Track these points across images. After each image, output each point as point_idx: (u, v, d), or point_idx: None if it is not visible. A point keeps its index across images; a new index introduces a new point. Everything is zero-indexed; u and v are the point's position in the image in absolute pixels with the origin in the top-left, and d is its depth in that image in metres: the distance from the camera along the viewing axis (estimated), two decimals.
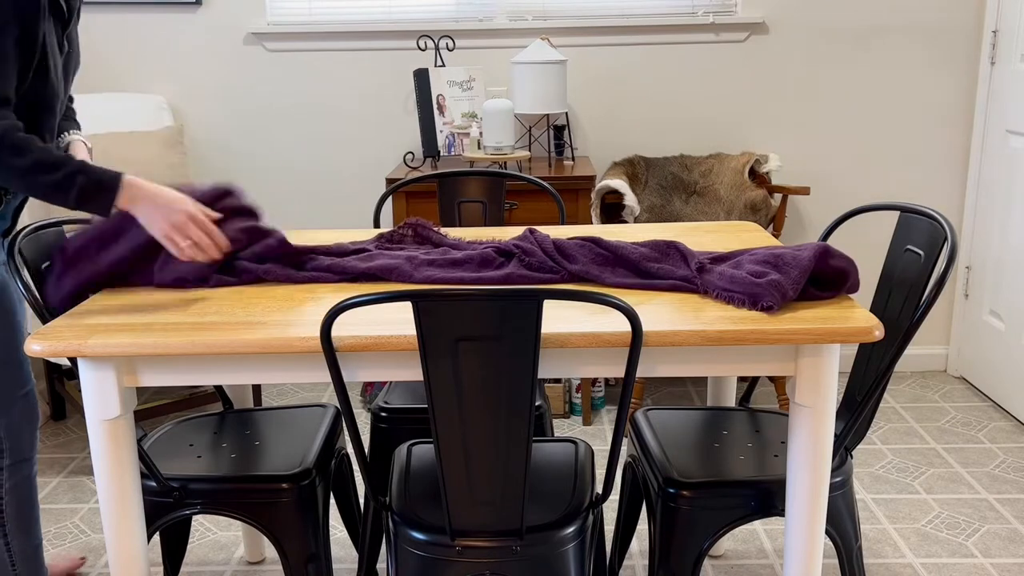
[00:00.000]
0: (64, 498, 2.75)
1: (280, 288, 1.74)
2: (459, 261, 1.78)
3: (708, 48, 3.37)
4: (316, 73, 3.44)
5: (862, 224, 3.46)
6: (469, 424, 1.43)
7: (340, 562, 2.40)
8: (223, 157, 3.52)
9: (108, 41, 3.41)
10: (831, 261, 1.58)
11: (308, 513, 1.80)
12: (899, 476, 2.77)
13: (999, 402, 3.26)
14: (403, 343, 1.45)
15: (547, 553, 1.55)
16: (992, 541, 2.43)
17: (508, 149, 3.08)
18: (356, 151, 3.51)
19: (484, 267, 1.76)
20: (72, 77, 1.89)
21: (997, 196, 3.24)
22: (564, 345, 1.45)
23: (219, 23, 3.40)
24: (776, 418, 2.02)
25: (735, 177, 3.22)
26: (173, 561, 2.10)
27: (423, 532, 1.56)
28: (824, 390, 1.52)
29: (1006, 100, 3.18)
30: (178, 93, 3.47)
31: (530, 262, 1.76)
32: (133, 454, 1.59)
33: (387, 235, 1.97)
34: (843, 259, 1.59)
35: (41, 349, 1.47)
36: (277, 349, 1.46)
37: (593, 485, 1.72)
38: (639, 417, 2.02)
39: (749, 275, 1.57)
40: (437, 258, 1.80)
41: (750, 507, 1.72)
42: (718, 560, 2.37)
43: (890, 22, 3.32)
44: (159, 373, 1.54)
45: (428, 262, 1.79)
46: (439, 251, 1.86)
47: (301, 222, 3.55)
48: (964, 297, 3.48)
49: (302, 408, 2.12)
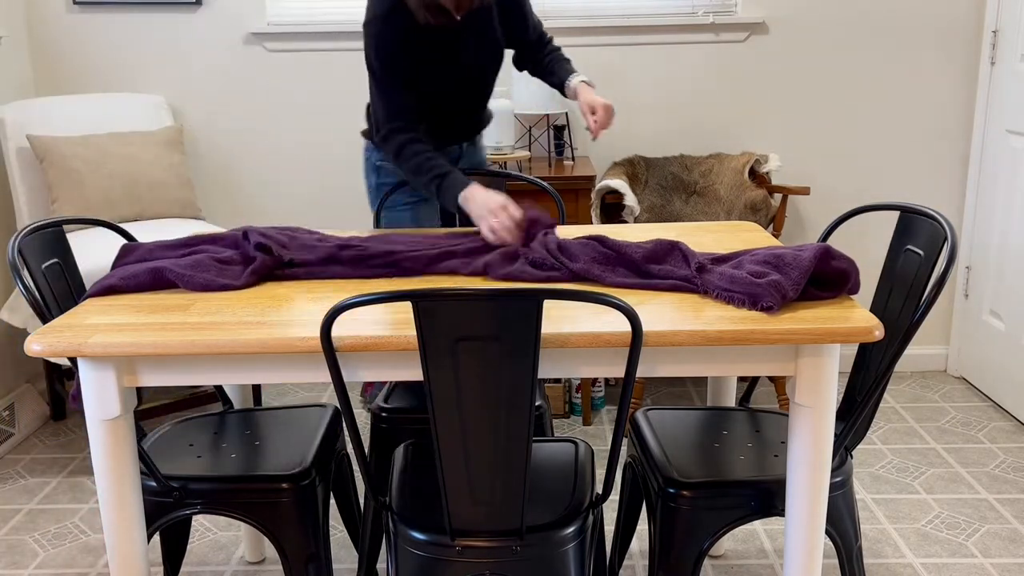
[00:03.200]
0: (64, 498, 2.75)
1: (280, 288, 1.74)
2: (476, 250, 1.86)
3: (708, 48, 3.37)
4: (316, 73, 3.44)
5: (862, 224, 3.46)
6: (469, 424, 1.43)
7: (340, 562, 2.40)
8: (223, 157, 3.52)
9: (108, 41, 3.41)
10: (832, 262, 1.58)
11: (308, 513, 1.80)
12: (899, 476, 2.77)
13: (999, 402, 3.26)
14: (403, 343, 1.45)
15: (547, 553, 1.55)
16: (992, 541, 2.43)
17: (508, 149, 3.08)
18: (356, 151, 3.51)
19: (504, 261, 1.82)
20: (485, 65, 2.28)
21: (997, 196, 3.24)
22: (564, 345, 1.45)
23: (219, 23, 3.40)
24: (776, 418, 2.02)
25: (735, 177, 3.22)
26: (173, 561, 2.10)
27: (423, 532, 1.56)
28: (824, 390, 1.52)
29: (1006, 100, 3.18)
30: (178, 93, 3.47)
31: (534, 259, 1.77)
32: (133, 454, 1.59)
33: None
34: (844, 260, 1.59)
35: (41, 349, 1.47)
36: (277, 349, 1.46)
37: (593, 485, 1.72)
38: (639, 417, 2.02)
39: (749, 275, 1.58)
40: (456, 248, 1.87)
41: (750, 507, 1.72)
42: (718, 560, 2.37)
43: (890, 22, 3.32)
44: (159, 373, 1.54)
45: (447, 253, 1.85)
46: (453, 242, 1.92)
47: (301, 222, 3.55)
48: (964, 297, 3.48)
49: (302, 408, 2.12)
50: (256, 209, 3.56)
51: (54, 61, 3.44)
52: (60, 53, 3.43)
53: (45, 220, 1.86)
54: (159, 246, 1.88)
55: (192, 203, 3.21)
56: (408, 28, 2.11)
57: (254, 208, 3.56)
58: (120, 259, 1.86)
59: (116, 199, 3.05)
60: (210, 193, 3.55)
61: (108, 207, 3.03)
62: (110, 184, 3.04)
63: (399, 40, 2.12)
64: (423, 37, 2.14)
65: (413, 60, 2.15)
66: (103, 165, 3.04)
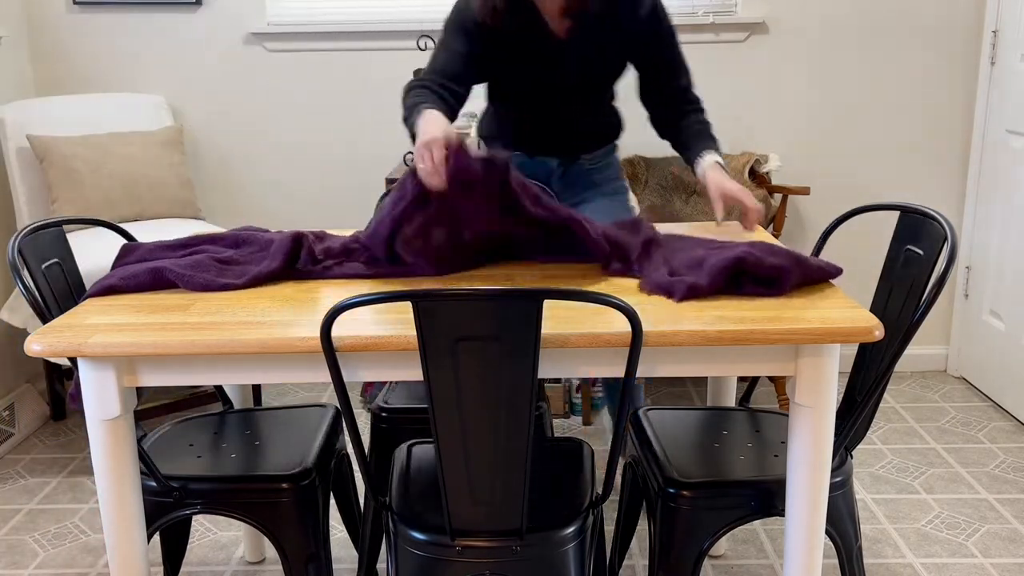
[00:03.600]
0: (64, 498, 2.75)
1: (280, 288, 1.74)
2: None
3: (708, 48, 3.37)
4: (316, 73, 3.44)
5: (862, 224, 3.46)
6: (469, 424, 1.43)
7: (340, 562, 2.40)
8: (223, 157, 3.52)
9: (108, 41, 3.41)
10: (769, 259, 1.60)
11: (308, 513, 1.80)
12: (899, 476, 2.77)
13: (999, 402, 3.26)
14: (403, 343, 1.45)
15: (547, 553, 1.55)
16: (992, 541, 2.43)
17: None
18: (356, 151, 3.51)
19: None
20: (586, 86, 2.24)
21: (997, 196, 3.24)
22: (564, 345, 1.45)
23: (219, 23, 3.40)
24: (776, 418, 2.02)
25: (735, 177, 3.22)
26: (173, 561, 2.10)
27: (423, 532, 1.56)
28: (824, 390, 1.52)
29: (1006, 100, 3.18)
30: (178, 93, 3.47)
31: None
32: (133, 454, 1.59)
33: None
34: (784, 256, 1.62)
35: (41, 349, 1.47)
36: (277, 349, 1.46)
37: (593, 485, 1.72)
38: (639, 417, 2.02)
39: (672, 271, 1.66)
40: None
41: (750, 507, 1.72)
42: (718, 560, 2.37)
43: (890, 22, 3.32)
44: (159, 373, 1.54)
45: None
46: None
47: (301, 222, 3.55)
48: (964, 297, 3.48)
49: (302, 408, 2.12)
50: (256, 209, 3.56)
51: (54, 61, 3.44)
52: (60, 53, 3.43)
53: (45, 220, 1.86)
54: (159, 246, 1.88)
55: (192, 203, 3.21)
56: (493, 24, 2.10)
57: (254, 208, 3.56)
58: (120, 259, 1.86)
59: (116, 199, 3.05)
60: (210, 193, 3.55)
61: (108, 207, 3.03)
62: (110, 184, 3.04)
63: (473, 28, 2.11)
64: (513, 36, 2.13)
65: (492, 52, 2.14)
66: (103, 165, 3.04)
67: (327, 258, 1.83)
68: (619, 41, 2.19)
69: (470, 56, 2.13)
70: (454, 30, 2.14)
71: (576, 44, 2.18)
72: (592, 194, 2.40)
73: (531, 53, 2.18)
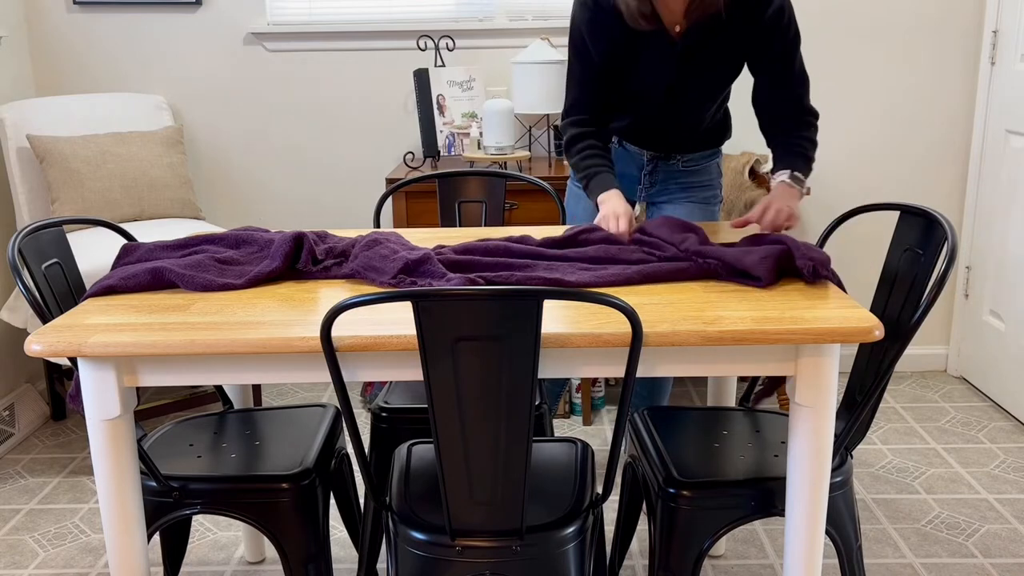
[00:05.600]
0: (64, 498, 2.75)
1: (280, 288, 1.74)
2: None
3: None
4: (316, 73, 3.44)
5: (862, 224, 3.46)
6: (469, 424, 1.43)
7: (340, 562, 2.40)
8: (223, 157, 3.52)
9: (108, 41, 3.41)
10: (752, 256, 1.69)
11: (308, 513, 1.80)
12: (899, 476, 2.77)
13: (999, 402, 3.26)
14: (403, 343, 1.45)
15: (547, 553, 1.55)
16: (992, 541, 2.43)
17: (508, 149, 3.08)
18: (356, 151, 3.51)
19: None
20: (698, 88, 2.21)
21: (997, 196, 3.24)
22: (564, 345, 1.45)
23: (219, 23, 3.40)
24: (776, 418, 2.02)
25: (735, 177, 3.22)
26: (173, 561, 2.10)
27: (423, 532, 1.56)
28: (824, 390, 1.52)
29: (1006, 100, 3.18)
30: (178, 93, 3.47)
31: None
32: (133, 454, 1.59)
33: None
34: (765, 254, 1.70)
35: (41, 349, 1.47)
36: (277, 349, 1.46)
37: (593, 485, 1.72)
38: (639, 417, 2.02)
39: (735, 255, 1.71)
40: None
41: (750, 507, 1.72)
42: (718, 560, 2.37)
43: (890, 22, 3.32)
44: (159, 373, 1.54)
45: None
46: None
47: (300, 222, 3.55)
48: (964, 297, 3.48)
49: (302, 408, 2.12)
50: (256, 209, 3.57)
51: (54, 61, 3.44)
52: (60, 53, 3.43)
53: (45, 220, 1.86)
54: (159, 246, 1.88)
55: (192, 203, 3.21)
56: (607, 24, 2.08)
57: (254, 208, 3.57)
58: (120, 259, 1.86)
59: (116, 199, 3.05)
60: (210, 193, 3.55)
61: (108, 207, 3.03)
62: (110, 184, 3.04)
63: (592, 32, 2.11)
64: (628, 38, 2.10)
65: (611, 63, 2.15)
66: (103, 165, 3.04)
67: (328, 258, 1.83)
68: (736, 42, 2.10)
69: (598, 79, 2.18)
70: (574, 57, 2.19)
71: (689, 44, 2.09)
72: (682, 197, 2.36)
73: (644, 51, 2.12)
